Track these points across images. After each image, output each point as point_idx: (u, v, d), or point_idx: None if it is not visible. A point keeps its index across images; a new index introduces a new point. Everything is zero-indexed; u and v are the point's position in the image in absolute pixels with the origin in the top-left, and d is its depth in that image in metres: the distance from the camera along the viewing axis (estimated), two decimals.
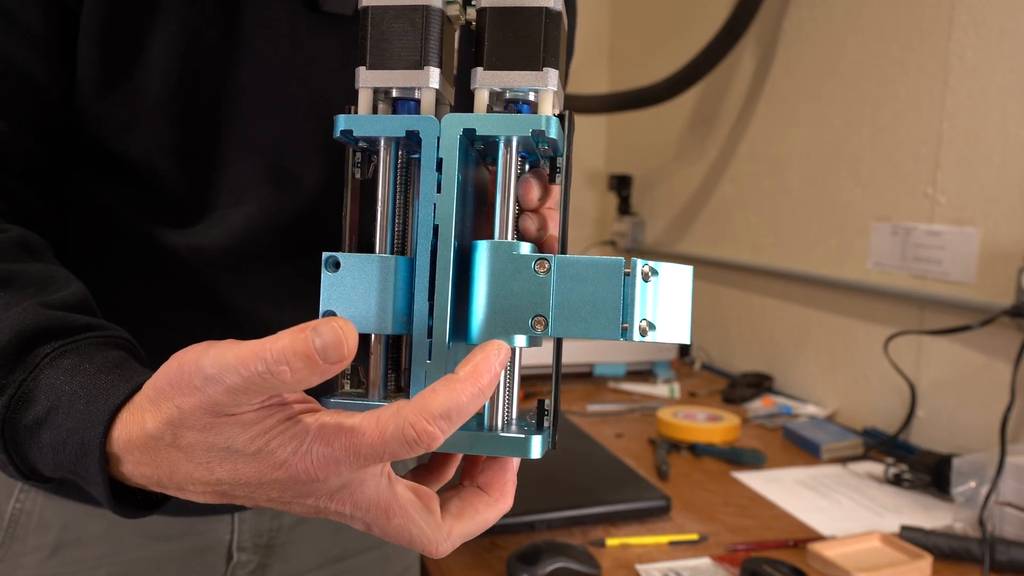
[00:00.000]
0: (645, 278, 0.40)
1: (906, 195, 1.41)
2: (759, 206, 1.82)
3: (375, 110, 0.44)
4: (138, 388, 0.39)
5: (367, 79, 0.43)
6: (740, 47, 1.81)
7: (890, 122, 1.44)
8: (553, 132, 0.41)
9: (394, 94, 0.44)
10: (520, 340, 0.41)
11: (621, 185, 2.34)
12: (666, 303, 0.41)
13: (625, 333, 0.40)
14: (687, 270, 0.42)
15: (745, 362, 1.85)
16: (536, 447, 0.41)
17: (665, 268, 0.41)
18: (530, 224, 0.45)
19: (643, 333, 0.40)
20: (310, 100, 0.60)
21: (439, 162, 0.41)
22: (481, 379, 0.37)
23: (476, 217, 0.47)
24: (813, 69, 1.65)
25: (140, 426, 0.38)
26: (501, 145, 0.43)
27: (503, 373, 0.41)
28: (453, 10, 0.45)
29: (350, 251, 0.45)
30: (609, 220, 2.45)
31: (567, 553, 0.88)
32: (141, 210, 0.60)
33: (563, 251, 0.44)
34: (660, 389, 1.70)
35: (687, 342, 0.41)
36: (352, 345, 0.34)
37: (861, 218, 1.51)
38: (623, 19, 2.49)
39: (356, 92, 0.44)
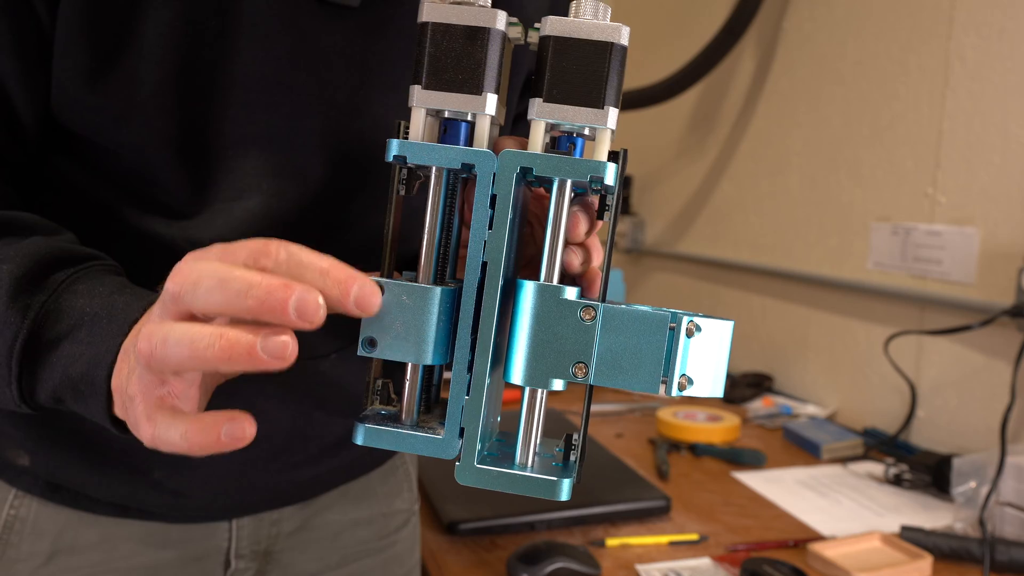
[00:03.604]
0: (689, 334, 0.40)
1: (906, 195, 1.41)
2: (759, 206, 1.82)
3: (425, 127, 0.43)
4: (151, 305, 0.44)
5: (422, 99, 0.42)
6: (740, 47, 1.81)
7: (890, 122, 1.44)
8: (610, 179, 0.40)
9: (446, 114, 0.42)
10: (558, 384, 0.40)
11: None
12: (706, 359, 0.41)
13: (664, 387, 0.40)
14: (728, 326, 0.41)
15: (745, 362, 1.85)
16: (565, 491, 0.41)
17: (708, 324, 0.40)
18: (574, 258, 0.44)
19: (681, 388, 0.40)
20: (314, 92, 0.59)
21: (492, 198, 0.40)
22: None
23: (518, 240, 0.46)
24: (813, 69, 1.64)
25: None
26: (555, 185, 0.41)
27: (532, 412, 0.42)
28: (515, 32, 0.44)
29: (390, 267, 0.44)
30: None
31: (567, 553, 0.88)
32: (138, 204, 0.59)
33: (605, 288, 0.44)
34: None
35: (720, 395, 0.41)
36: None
37: (861, 218, 1.51)
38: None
39: (409, 110, 0.42)
